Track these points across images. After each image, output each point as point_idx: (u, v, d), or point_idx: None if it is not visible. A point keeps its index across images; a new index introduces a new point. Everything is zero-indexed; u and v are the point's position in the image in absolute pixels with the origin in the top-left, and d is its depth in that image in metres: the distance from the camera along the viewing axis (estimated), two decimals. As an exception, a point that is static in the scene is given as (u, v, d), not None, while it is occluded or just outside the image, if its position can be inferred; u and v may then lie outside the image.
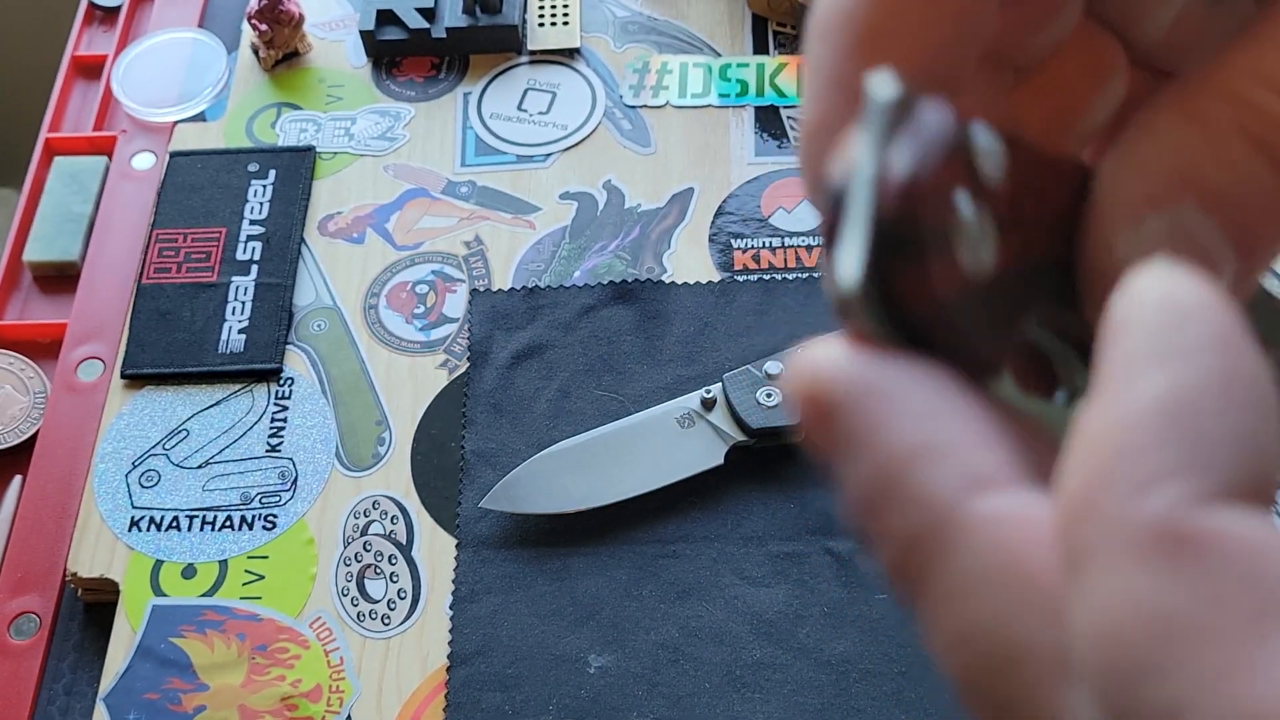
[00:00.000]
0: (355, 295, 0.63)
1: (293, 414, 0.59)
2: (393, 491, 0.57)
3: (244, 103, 0.71)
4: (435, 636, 0.53)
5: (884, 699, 0.51)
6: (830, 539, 0.54)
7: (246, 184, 0.67)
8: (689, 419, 0.56)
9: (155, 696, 0.52)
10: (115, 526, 0.57)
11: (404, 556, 0.55)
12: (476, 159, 0.68)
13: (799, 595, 0.53)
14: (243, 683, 0.52)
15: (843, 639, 0.52)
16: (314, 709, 0.52)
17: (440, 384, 0.60)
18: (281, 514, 0.57)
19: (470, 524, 0.56)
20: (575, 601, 0.53)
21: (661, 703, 0.51)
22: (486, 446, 0.58)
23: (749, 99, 0.69)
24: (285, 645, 0.53)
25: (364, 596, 0.54)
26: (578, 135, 0.68)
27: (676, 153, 0.67)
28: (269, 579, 0.55)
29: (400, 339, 0.62)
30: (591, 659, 0.52)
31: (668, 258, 0.63)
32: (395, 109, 0.70)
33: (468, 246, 0.64)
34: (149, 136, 0.70)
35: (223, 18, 0.75)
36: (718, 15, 0.72)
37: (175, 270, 0.64)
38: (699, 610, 0.53)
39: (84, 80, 0.74)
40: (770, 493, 0.56)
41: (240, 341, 0.61)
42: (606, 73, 0.71)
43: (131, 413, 0.60)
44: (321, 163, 0.68)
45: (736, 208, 0.65)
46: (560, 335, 0.61)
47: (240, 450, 0.59)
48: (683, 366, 0.59)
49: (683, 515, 0.55)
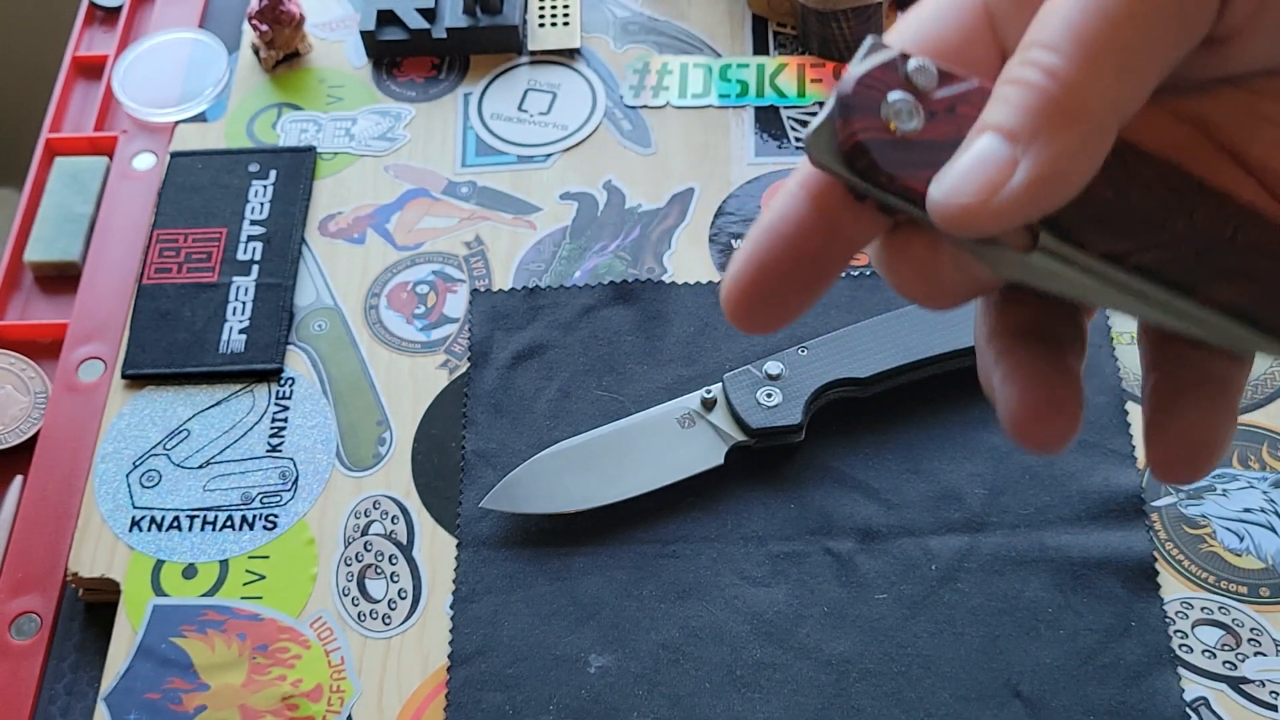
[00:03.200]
0: (356, 295, 0.63)
1: (293, 414, 0.60)
2: (393, 491, 0.57)
3: (245, 103, 0.71)
4: (436, 636, 0.53)
5: (884, 699, 0.51)
6: (830, 539, 0.54)
7: (247, 184, 0.67)
8: (689, 419, 0.56)
9: (156, 696, 0.52)
10: (116, 526, 0.57)
11: (405, 556, 0.55)
12: (477, 159, 0.68)
13: (799, 595, 0.53)
14: (243, 682, 0.52)
15: (843, 639, 0.52)
16: (315, 709, 0.52)
17: (441, 384, 0.60)
18: (282, 514, 0.57)
19: (471, 524, 0.56)
20: (576, 601, 0.54)
21: (661, 702, 0.51)
22: (487, 446, 0.58)
23: (749, 99, 0.69)
24: (286, 645, 0.53)
25: (365, 596, 0.55)
26: (578, 135, 0.68)
27: (677, 153, 0.67)
28: (270, 579, 0.55)
29: (401, 339, 0.62)
30: (592, 659, 0.52)
31: (668, 258, 0.63)
32: (396, 109, 0.70)
33: (468, 247, 0.64)
34: (150, 137, 0.71)
35: (223, 18, 0.76)
36: (718, 15, 0.72)
37: (176, 270, 0.64)
38: (699, 610, 0.53)
39: (85, 80, 0.74)
40: (770, 493, 0.56)
41: (241, 342, 0.61)
42: (607, 73, 0.71)
43: (132, 413, 0.60)
44: (322, 163, 0.68)
45: (736, 208, 0.65)
46: (560, 335, 0.61)
47: (241, 450, 0.59)
48: (683, 366, 0.59)
49: (683, 515, 0.56)
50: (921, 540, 0.54)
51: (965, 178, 0.23)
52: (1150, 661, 0.51)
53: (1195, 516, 0.54)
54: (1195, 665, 0.51)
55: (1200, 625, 0.52)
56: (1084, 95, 0.22)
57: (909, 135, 0.24)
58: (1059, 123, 0.22)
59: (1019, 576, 0.53)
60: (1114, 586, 0.52)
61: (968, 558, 0.53)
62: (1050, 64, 0.23)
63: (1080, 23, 0.22)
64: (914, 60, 0.25)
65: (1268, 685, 0.50)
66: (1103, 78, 0.22)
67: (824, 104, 0.25)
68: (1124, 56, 0.23)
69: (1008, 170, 0.22)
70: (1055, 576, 0.53)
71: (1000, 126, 0.23)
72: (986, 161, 0.23)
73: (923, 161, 0.24)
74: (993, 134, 0.23)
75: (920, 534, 0.54)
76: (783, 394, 0.56)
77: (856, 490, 0.56)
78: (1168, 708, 0.50)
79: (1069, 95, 0.22)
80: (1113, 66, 0.22)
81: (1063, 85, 0.22)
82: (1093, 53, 0.22)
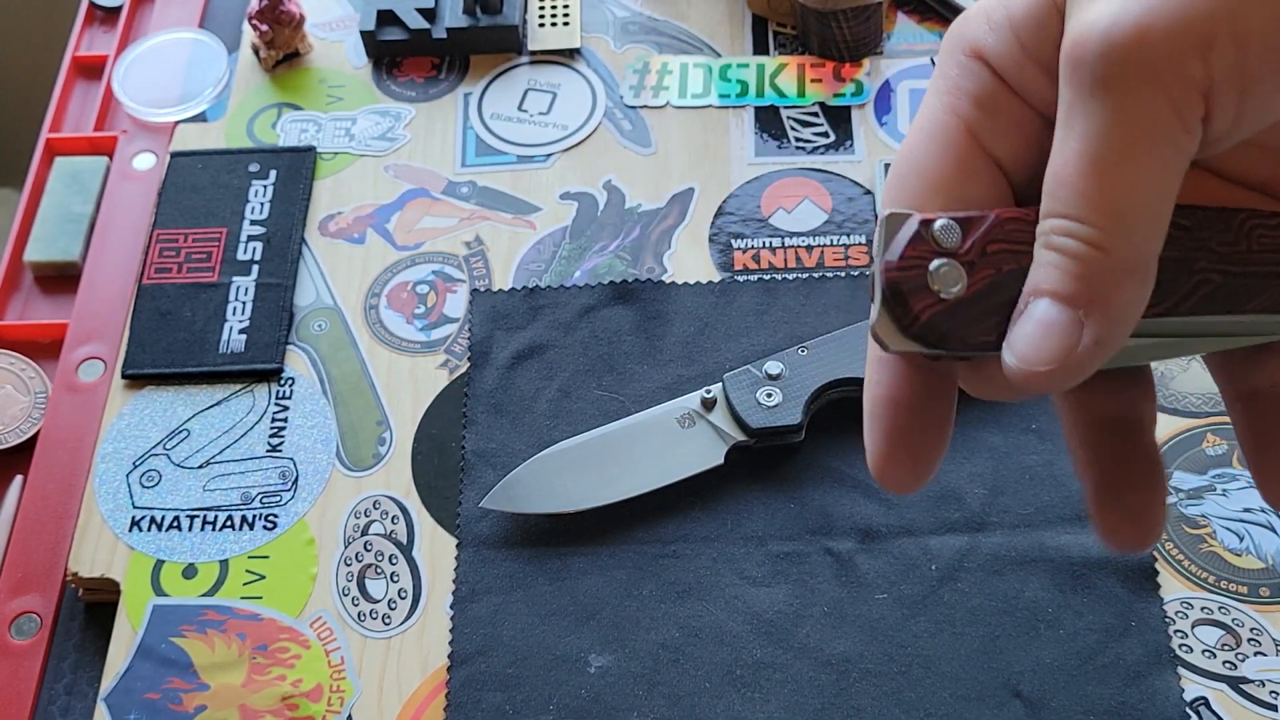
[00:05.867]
0: (356, 295, 0.63)
1: (293, 414, 0.60)
2: (393, 491, 0.57)
3: (245, 103, 0.71)
4: (436, 636, 0.53)
5: (884, 699, 0.51)
6: (830, 539, 0.54)
7: (247, 184, 0.67)
8: (689, 419, 0.56)
9: (156, 696, 0.52)
10: (116, 526, 0.57)
11: (404, 556, 0.55)
12: (477, 159, 0.68)
13: (799, 595, 0.53)
14: (243, 682, 0.52)
15: (843, 639, 0.52)
16: (315, 709, 0.52)
17: (441, 384, 0.60)
18: (282, 514, 0.57)
19: (471, 524, 0.56)
20: (575, 601, 0.54)
21: (661, 703, 0.51)
22: (487, 446, 0.58)
23: (749, 99, 0.69)
24: (286, 645, 0.53)
25: (365, 596, 0.55)
26: (578, 135, 0.68)
27: (676, 153, 0.67)
28: (270, 579, 0.55)
29: (401, 339, 0.62)
30: (592, 659, 0.52)
31: (668, 258, 0.63)
32: (396, 109, 0.70)
33: (468, 247, 0.64)
34: (150, 137, 0.71)
35: (223, 18, 0.76)
36: (718, 15, 0.72)
37: (176, 270, 0.64)
38: (699, 610, 0.53)
39: (85, 80, 0.74)
40: (770, 493, 0.56)
41: (241, 342, 0.61)
42: (607, 73, 0.71)
43: (132, 413, 0.60)
44: (322, 163, 0.68)
45: (736, 208, 0.65)
46: (560, 335, 0.61)
47: (241, 450, 0.59)
48: (683, 366, 0.59)
49: (683, 515, 0.55)
50: (921, 540, 0.54)
51: (1038, 346, 0.24)
52: (1150, 661, 0.51)
53: (1195, 516, 0.54)
54: (1195, 665, 0.51)
55: (1200, 625, 0.52)
56: (1126, 254, 0.24)
57: (962, 295, 0.26)
58: (1111, 282, 0.24)
59: (1019, 576, 0.53)
60: (1114, 586, 0.52)
61: (968, 558, 0.53)
62: (1086, 234, 0.24)
63: (1093, 189, 0.24)
64: (938, 223, 0.26)
65: (1268, 685, 0.50)
66: (1135, 230, 0.24)
67: (870, 288, 0.27)
68: (1143, 205, 0.24)
69: (1075, 333, 0.24)
70: (1055, 576, 0.53)
71: (1057, 293, 0.24)
72: (1054, 328, 0.24)
73: (982, 312, 0.26)
74: (1052, 302, 0.24)
75: (920, 534, 0.54)
76: (783, 394, 0.56)
77: (856, 490, 0.55)
78: (1168, 708, 0.50)
79: (1113, 258, 0.24)
80: (1139, 217, 0.24)
81: (1104, 249, 0.24)
82: (1119, 213, 0.24)
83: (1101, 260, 0.24)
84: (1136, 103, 0.23)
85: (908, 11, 0.72)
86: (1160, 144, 0.24)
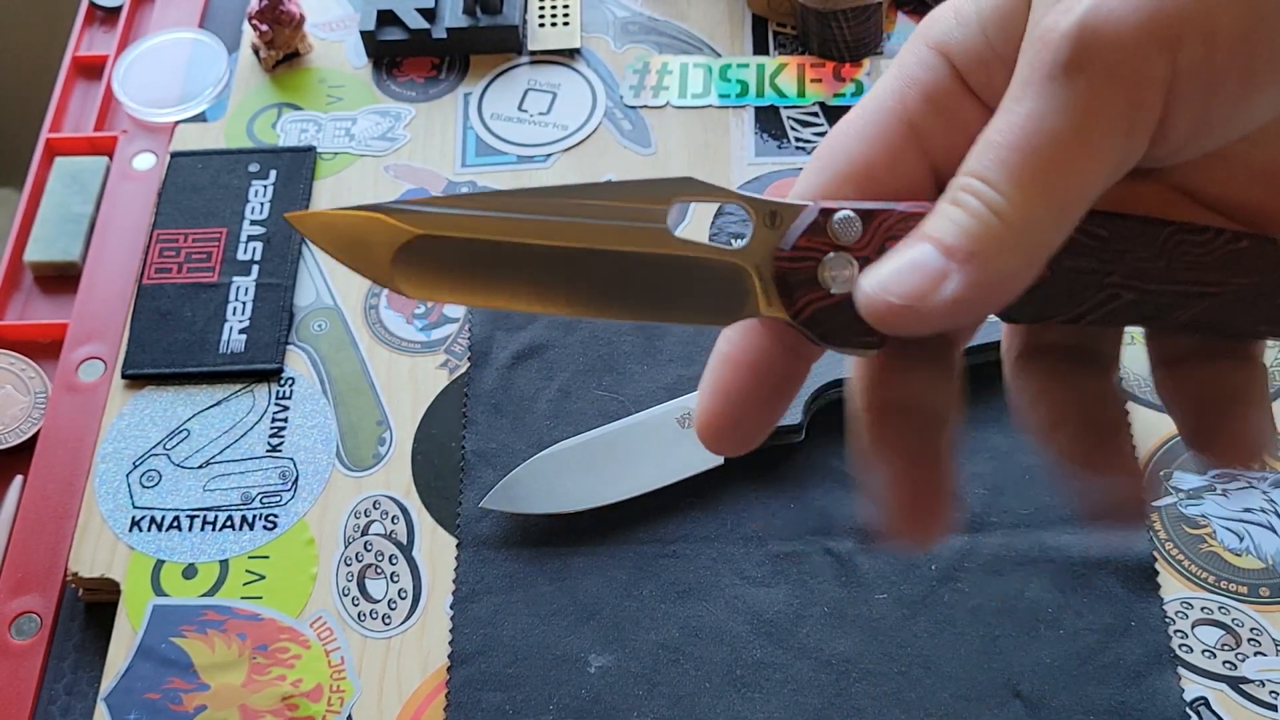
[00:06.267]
0: (356, 295, 0.63)
1: (293, 414, 0.60)
2: (393, 491, 0.57)
3: (245, 103, 0.71)
4: (436, 636, 0.53)
5: (884, 699, 0.51)
6: (830, 539, 0.54)
7: (247, 184, 0.67)
8: (689, 419, 0.56)
9: (156, 696, 0.52)
10: (116, 526, 0.57)
11: (404, 556, 0.55)
12: (477, 159, 0.68)
13: (799, 595, 0.53)
14: (243, 682, 0.52)
15: (843, 639, 0.52)
16: (315, 709, 0.52)
17: (441, 384, 0.60)
18: (282, 514, 0.57)
19: (471, 524, 0.56)
20: (576, 601, 0.54)
21: (661, 703, 0.51)
22: (487, 446, 0.58)
23: (749, 99, 0.69)
24: (286, 645, 0.53)
25: (365, 596, 0.55)
26: (578, 135, 0.68)
27: (676, 153, 0.67)
28: (270, 579, 0.55)
29: (401, 339, 0.62)
30: (592, 659, 0.52)
31: (668, 258, 0.63)
32: (396, 109, 0.70)
33: (468, 247, 0.64)
34: (150, 137, 0.71)
35: (223, 18, 0.76)
36: (718, 15, 0.73)
37: (176, 270, 0.64)
38: (699, 610, 0.53)
39: (85, 80, 0.74)
40: (770, 493, 0.56)
41: (241, 342, 0.61)
42: (607, 73, 0.71)
43: (132, 413, 0.60)
44: (322, 163, 0.68)
45: (737, 208, 0.65)
46: (560, 335, 0.61)
47: (241, 450, 0.59)
48: (683, 366, 0.59)
49: (683, 515, 0.56)
50: (921, 540, 0.54)
51: (896, 278, 0.24)
52: (1150, 661, 0.51)
53: (1195, 516, 0.54)
54: (1195, 665, 0.51)
55: (1200, 625, 0.52)
56: (1020, 231, 0.24)
57: (849, 291, 0.26)
58: (994, 250, 0.24)
59: (1019, 576, 0.53)
60: (1114, 586, 0.52)
61: (968, 558, 0.53)
62: (991, 198, 0.23)
63: (1017, 162, 0.23)
64: (839, 214, 0.26)
65: (1268, 685, 0.50)
66: (1044, 216, 0.24)
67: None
68: (1059, 194, 0.24)
69: (938, 280, 0.24)
70: (1055, 576, 0.53)
71: (939, 240, 0.24)
72: (919, 268, 0.24)
73: None
74: (931, 244, 0.24)
75: (920, 534, 0.54)
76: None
77: (857, 490, 0.55)
78: (1168, 708, 0.50)
79: (1007, 229, 0.23)
80: (1048, 205, 0.24)
81: (1001, 218, 0.23)
82: (1030, 192, 0.23)
83: (995, 228, 0.23)
84: (1093, 93, 0.23)
85: (908, 11, 0.72)
86: (1103, 141, 0.23)
